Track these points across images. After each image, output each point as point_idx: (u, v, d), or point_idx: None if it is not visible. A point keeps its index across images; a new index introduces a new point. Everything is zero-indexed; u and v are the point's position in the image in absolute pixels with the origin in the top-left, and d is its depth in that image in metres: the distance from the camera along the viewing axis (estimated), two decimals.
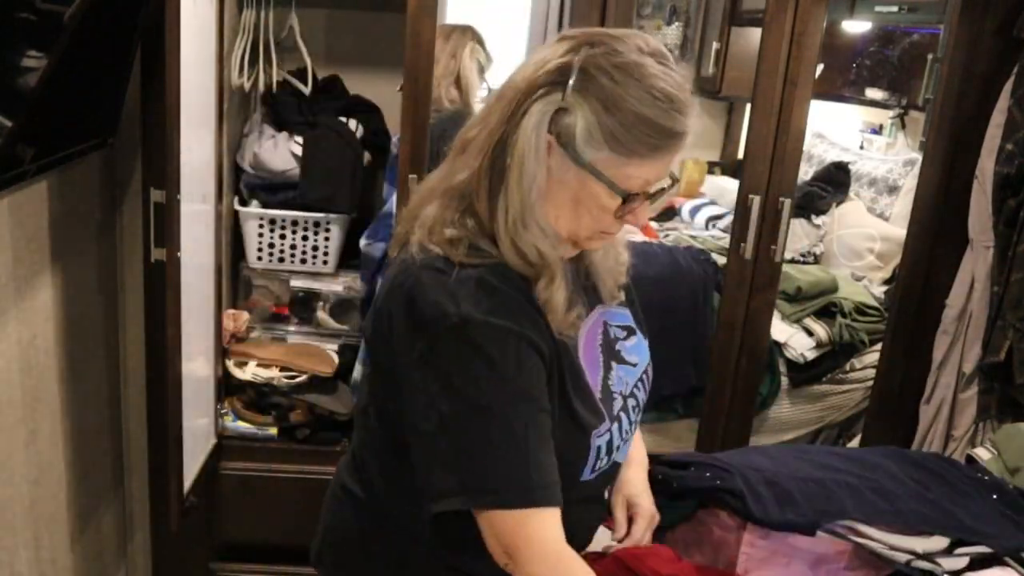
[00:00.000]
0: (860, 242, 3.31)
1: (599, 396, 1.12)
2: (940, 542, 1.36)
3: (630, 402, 1.19)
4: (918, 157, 3.03)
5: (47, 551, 1.87)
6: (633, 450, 1.32)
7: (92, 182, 2.01)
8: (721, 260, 2.85)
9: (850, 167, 3.52)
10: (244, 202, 2.53)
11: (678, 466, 1.46)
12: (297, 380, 2.42)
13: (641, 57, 1.01)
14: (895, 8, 3.16)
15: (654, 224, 3.80)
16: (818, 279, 2.96)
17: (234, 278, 2.60)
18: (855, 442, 2.87)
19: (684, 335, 2.76)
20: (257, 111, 2.62)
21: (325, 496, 1.29)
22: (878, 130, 3.70)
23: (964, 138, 2.29)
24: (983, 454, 1.83)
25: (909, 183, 3.20)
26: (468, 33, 2.58)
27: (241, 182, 2.54)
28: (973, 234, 2.29)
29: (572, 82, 1.00)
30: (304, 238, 2.54)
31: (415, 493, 1.06)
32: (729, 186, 3.76)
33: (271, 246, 2.52)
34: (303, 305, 2.62)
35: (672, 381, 2.79)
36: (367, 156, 2.61)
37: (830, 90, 3.58)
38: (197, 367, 2.18)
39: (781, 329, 2.85)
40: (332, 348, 2.58)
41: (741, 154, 3.28)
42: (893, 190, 3.35)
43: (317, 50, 2.63)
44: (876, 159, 3.52)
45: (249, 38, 2.41)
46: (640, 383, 1.23)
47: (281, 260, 2.55)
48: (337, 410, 2.44)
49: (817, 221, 3.41)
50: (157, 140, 1.76)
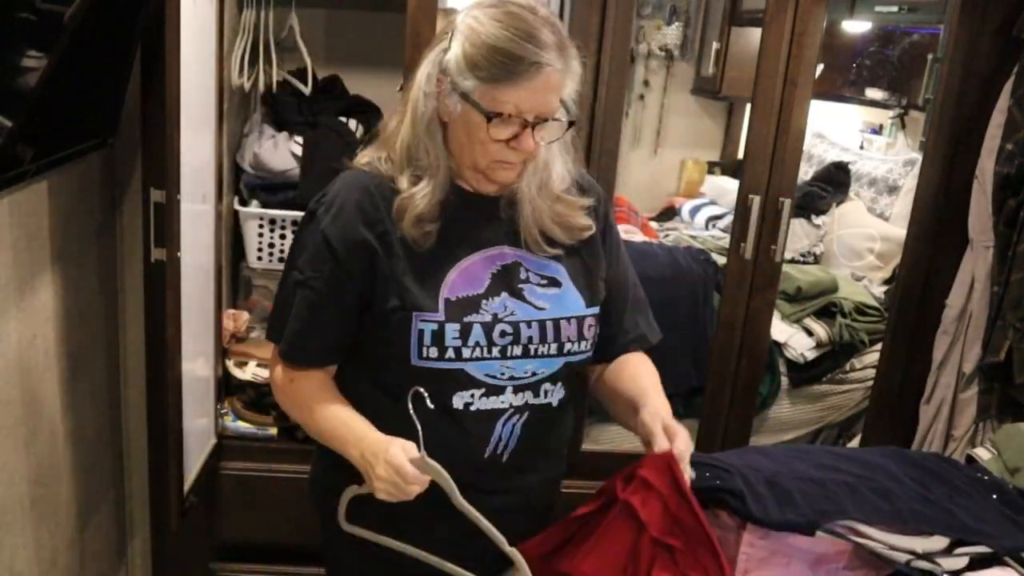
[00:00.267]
0: (860, 242, 3.31)
1: (451, 297, 1.29)
2: (940, 542, 1.36)
3: (506, 331, 1.31)
4: (918, 157, 3.03)
5: (47, 551, 1.87)
6: (650, 381, 1.47)
7: (92, 182, 2.01)
8: (721, 260, 2.84)
9: (850, 167, 3.52)
10: (244, 202, 2.52)
11: None
12: None
13: (510, 7, 1.23)
14: (895, 8, 3.16)
15: (654, 224, 3.81)
16: (818, 279, 2.96)
17: (234, 278, 2.59)
18: (855, 442, 2.87)
19: (684, 335, 2.76)
20: (257, 111, 2.61)
21: None
22: (878, 130, 3.70)
23: (964, 138, 2.29)
24: (983, 454, 1.83)
25: (909, 183, 3.20)
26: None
27: (241, 182, 2.53)
28: (973, 234, 2.29)
29: (453, 30, 1.25)
30: None
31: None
32: (729, 186, 3.76)
33: (271, 246, 2.51)
34: None
35: (672, 381, 2.78)
36: None
37: (830, 90, 3.58)
38: (197, 367, 2.18)
39: (781, 329, 2.85)
40: None
41: (741, 154, 3.28)
42: (893, 190, 3.35)
43: (317, 50, 2.63)
44: (876, 159, 3.53)
45: (249, 38, 2.41)
46: (540, 326, 1.33)
47: (281, 260, 2.55)
48: None
49: (817, 221, 3.41)
50: (157, 140, 1.76)
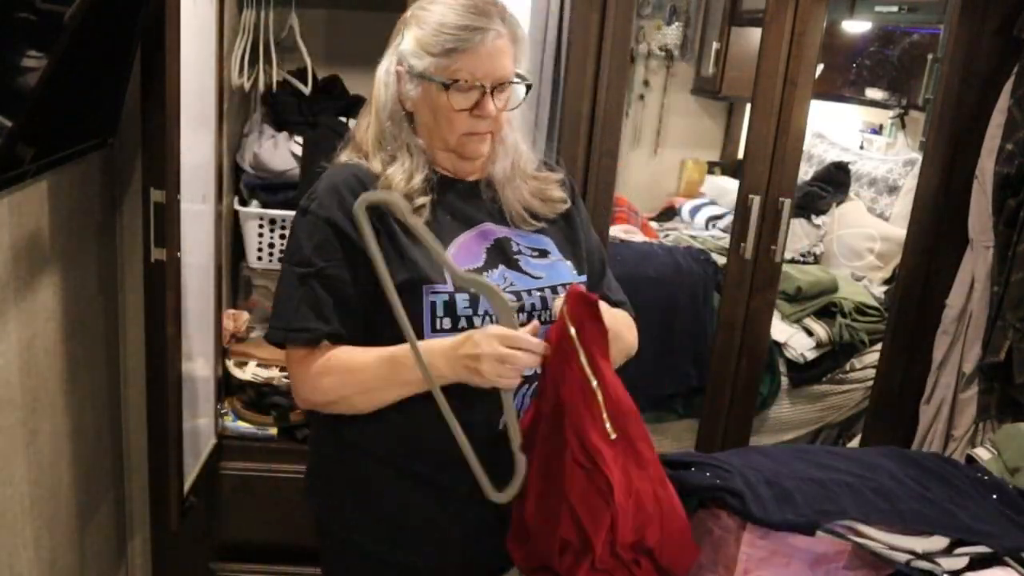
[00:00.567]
0: (860, 242, 3.31)
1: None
2: (940, 542, 1.36)
3: (511, 300, 1.33)
4: (918, 157, 3.03)
5: (47, 551, 1.87)
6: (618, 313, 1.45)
7: (92, 182, 2.01)
8: (721, 260, 2.85)
9: (850, 167, 3.52)
10: (244, 202, 2.52)
11: (678, 466, 1.46)
12: None
13: None
14: (895, 8, 3.16)
15: (654, 224, 3.81)
16: (818, 279, 2.96)
17: (234, 278, 2.59)
18: (855, 442, 2.87)
19: (684, 335, 2.77)
20: (257, 111, 2.61)
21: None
22: (878, 130, 3.70)
23: (964, 138, 2.29)
24: (983, 454, 1.83)
25: (909, 183, 3.20)
26: None
27: (241, 182, 2.53)
28: (973, 234, 2.29)
29: (404, 23, 1.35)
30: None
31: None
32: (729, 186, 3.76)
33: (271, 246, 2.51)
34: None
35: (672, 381, 2.79)
36: None
37: (830, 90, 3.58)
38: (197, 367, 2.18)
39: (781, 329, 2.85)
40: None
41: (741, 154, 3.29)
42: (893, 190, 3.35)
43: (317, 50, 2.63)
44: (876, 159, 3.53)
45: (249, 38, 2.41)
46: (540, 294, 1.38)
47: (281, 260, 2.55)
48: None
49: (817, 221, 3.41)
50: (157, 140, 1.76)
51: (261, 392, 2.42)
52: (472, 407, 1.27)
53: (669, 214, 4.03)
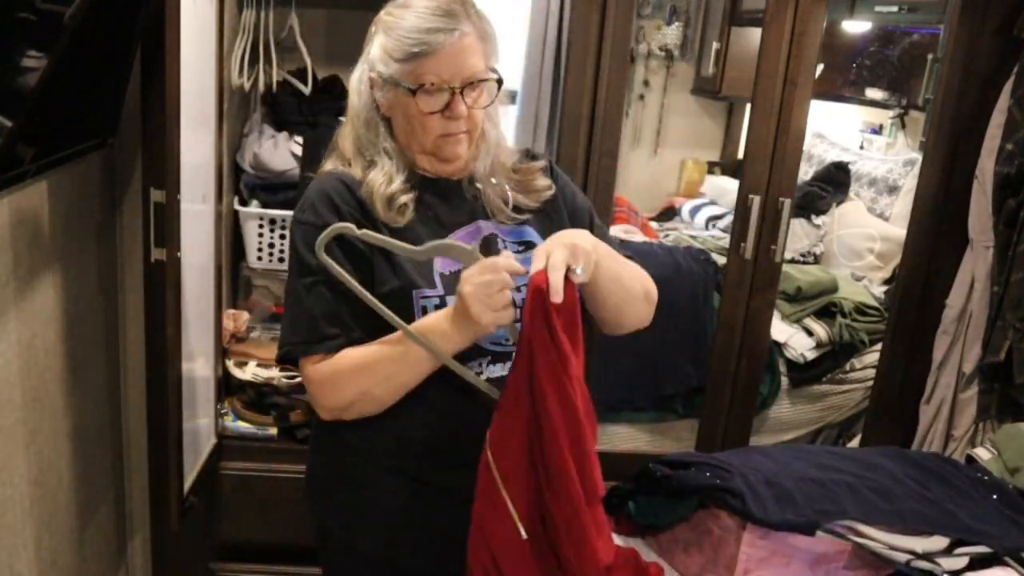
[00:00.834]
0: (860, 242, 3.31)
1: (444, 272, 1.34)
2: (940, 542, 1.36)
3: None
4: (918, 157, 3.03)
5: (47, 551, 1.87)
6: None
7: (92, 182, 2.01)
8: (721, 260, 2.85)
9: (850, 167, 3.52)
10: (244, 202, 2.52)
11: (678, 466, 1.46)
12: (297, 380, 2.42)
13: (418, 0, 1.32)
14: (895, 8, 3.16)
15: (654, 224, 3.81)
16: (818, 279, 2.96)
17: (234, 278, 2.60)
18: (855, 442, 2.87)
19: (684, 335, 2.76)
20: (257, 111, 2.61)
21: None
22: (878, 130, 3.70)
23: (964, 138, 2.29)
24: (983, 454, 1.83)
25: (909, 183, 3.20)
26: None
27: (241, 182, 2.53)
28: (973, 234, 2.29)
29: (373, 31, 1.36)
30: None
31: None
32: (729, 186, 3.76)
33: (271, 246, 2.51)
34: None
35: (672, 381, 2.79)
36: None
37: (830, 90, 3.58)
38: (197, 367, 2.18)
39: (781, 329, 2.85)
40: None
41: (741, 154, 3.28)
42: (893, 190, 3.35)
43: (317, 50, 2.63)
44: (876, 159, 3.53)
45: (249, 38, 2.41)
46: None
47: (281, 260, 2.55)
48: None
49: (817, 221, 3.41)
50: (157, 140, 1.76)
51: (261, 392, 2.42)
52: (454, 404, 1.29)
53: (669, 214, 4.03)
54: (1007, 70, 2.19)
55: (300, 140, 2.48)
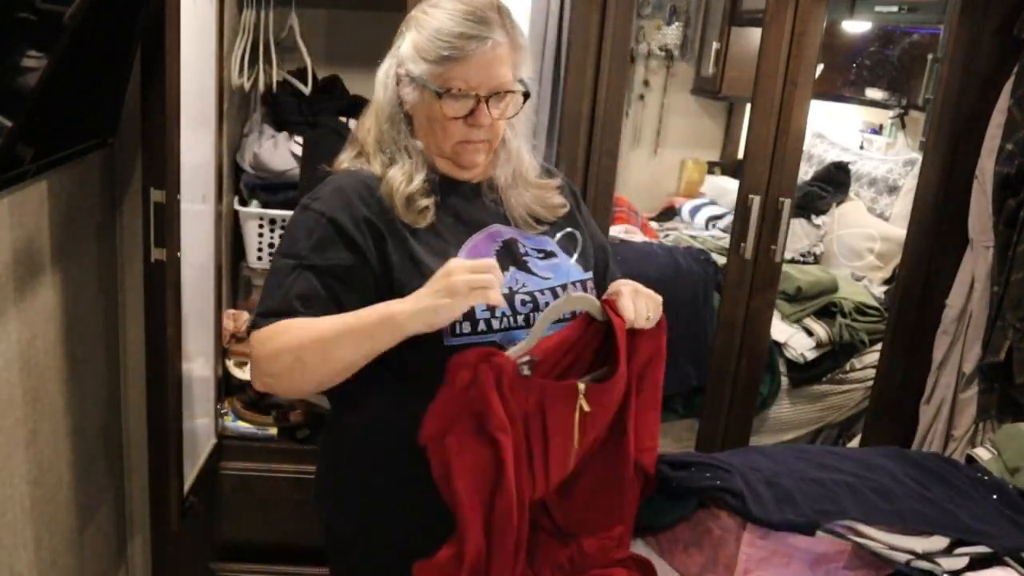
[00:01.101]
0: (860, 242, 3.31)
1: None
2: (940, 542, 1.36)
3: (525, 300, 1.35)
4: (918, 157, 3.03)
5: (47, 551, 1.87)
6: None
7: (92, 182, 2.01)
8: (721, 260, 2.85)
9: (850, 167, 3.52)
10: (244, 202, 2.52)
11: (678, 466, 1.46)
12: None
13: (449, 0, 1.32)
14: (895, 8, 3.16)
15: (654, 224, 3.81)
16: (818, 279, 2.96)
17: (234, 278, 2.59)
18: (855, 442, 2.87)
19: (684, 335, 2.76)
20: (257, 111, 2.61)
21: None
22: (878, 130, 3.70)
23: (964, 138, 2.29)
24: (983, 454, 1.84)
25: (909, 183, 3.20)
26: None
27: (241, 182, 2.53)
28: (973, 234, 2.29)
29: (406, 26, 1.35)
30: None
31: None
32: (729, 186, 3.76)
33: (271, 246, 2.51)
34: None
35: (672, 381, 2.79)
36: None
37: (830, 90, 3.58)
38: (197, 367, 2.18)
39: (781, 329, 2.85)
40: None
41: (741, 154, 3.28)
42: (893, 190, 3.35)
43: (317, 50, 2.63)
44: (876, 159, 3.53)
45: (249, 38, 2.40)
46: (552, 293, 1.38)
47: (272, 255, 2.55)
48: None
49: (817, 221, 3.41)
50: (157, 140, 1.76)
51: (261, 392, 2.42)
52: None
53: (669, 214, 4.03)
54: (1007, 70, 2.19)
55: (300, 140, 2.48)
